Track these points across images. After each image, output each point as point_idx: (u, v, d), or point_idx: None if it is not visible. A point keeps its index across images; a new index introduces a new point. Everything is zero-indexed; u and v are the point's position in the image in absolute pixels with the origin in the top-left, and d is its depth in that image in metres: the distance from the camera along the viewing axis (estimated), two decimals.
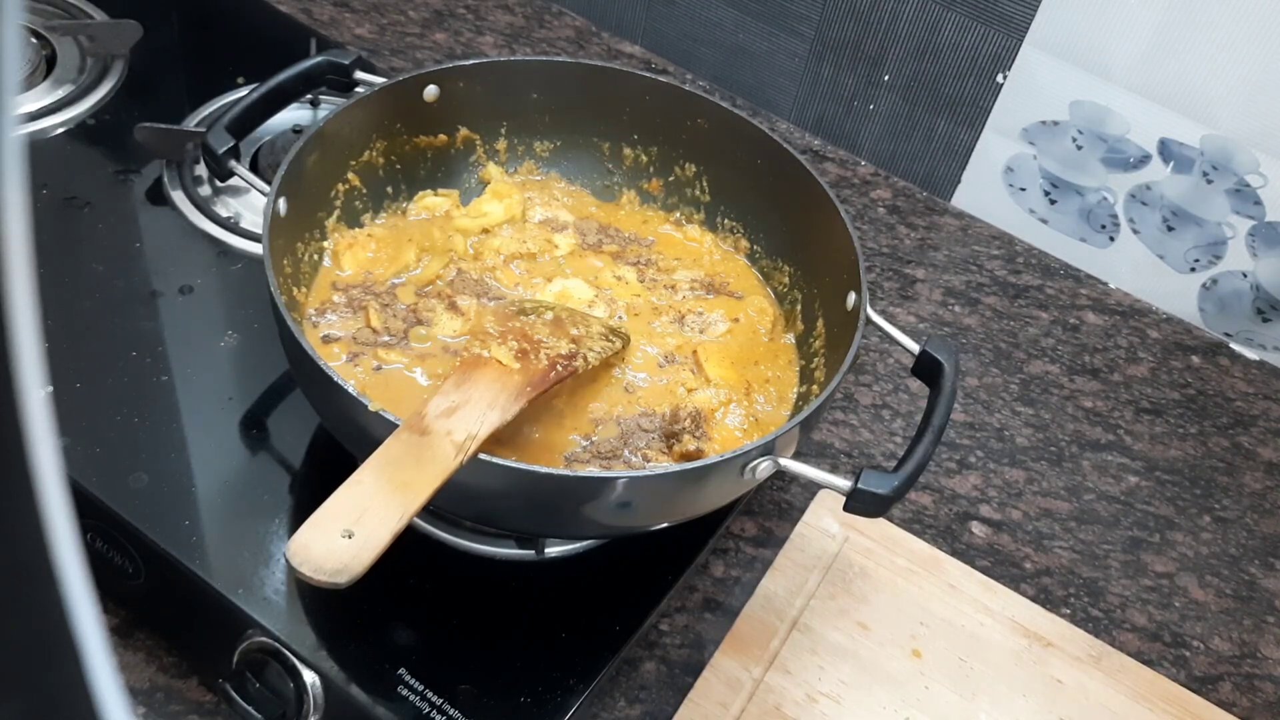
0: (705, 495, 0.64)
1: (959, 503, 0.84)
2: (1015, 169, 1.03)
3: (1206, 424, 0.93)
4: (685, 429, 0.69)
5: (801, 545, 0.77)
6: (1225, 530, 0.85)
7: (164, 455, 0.71)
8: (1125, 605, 0.80)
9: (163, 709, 0.66)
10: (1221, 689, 0.76)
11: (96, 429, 0.72)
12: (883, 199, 1.07)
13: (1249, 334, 0.99)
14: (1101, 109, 0.96)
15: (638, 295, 0.79)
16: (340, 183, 0.77)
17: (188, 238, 0.85)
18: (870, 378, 0.91)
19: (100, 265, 0.82)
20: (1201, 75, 0.90)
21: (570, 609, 0.69)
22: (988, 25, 0.97)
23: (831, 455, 0.85)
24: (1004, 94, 0.99)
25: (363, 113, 0.75)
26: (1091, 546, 0.83)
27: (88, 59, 0.96)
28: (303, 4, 1.14)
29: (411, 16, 1.15)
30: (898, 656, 0.72)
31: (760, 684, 0.69)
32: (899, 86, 1.04)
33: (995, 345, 0.96)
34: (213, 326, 0.79)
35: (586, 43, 1.16)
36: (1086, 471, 0.87)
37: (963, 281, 1.00)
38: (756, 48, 1.10)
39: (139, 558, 0.68)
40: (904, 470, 0.59)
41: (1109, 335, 0.99)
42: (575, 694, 0.65)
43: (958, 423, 0.89)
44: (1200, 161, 0.94)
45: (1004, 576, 0.79)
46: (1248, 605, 0.81)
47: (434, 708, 0.63)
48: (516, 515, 0.63)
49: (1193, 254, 0.98)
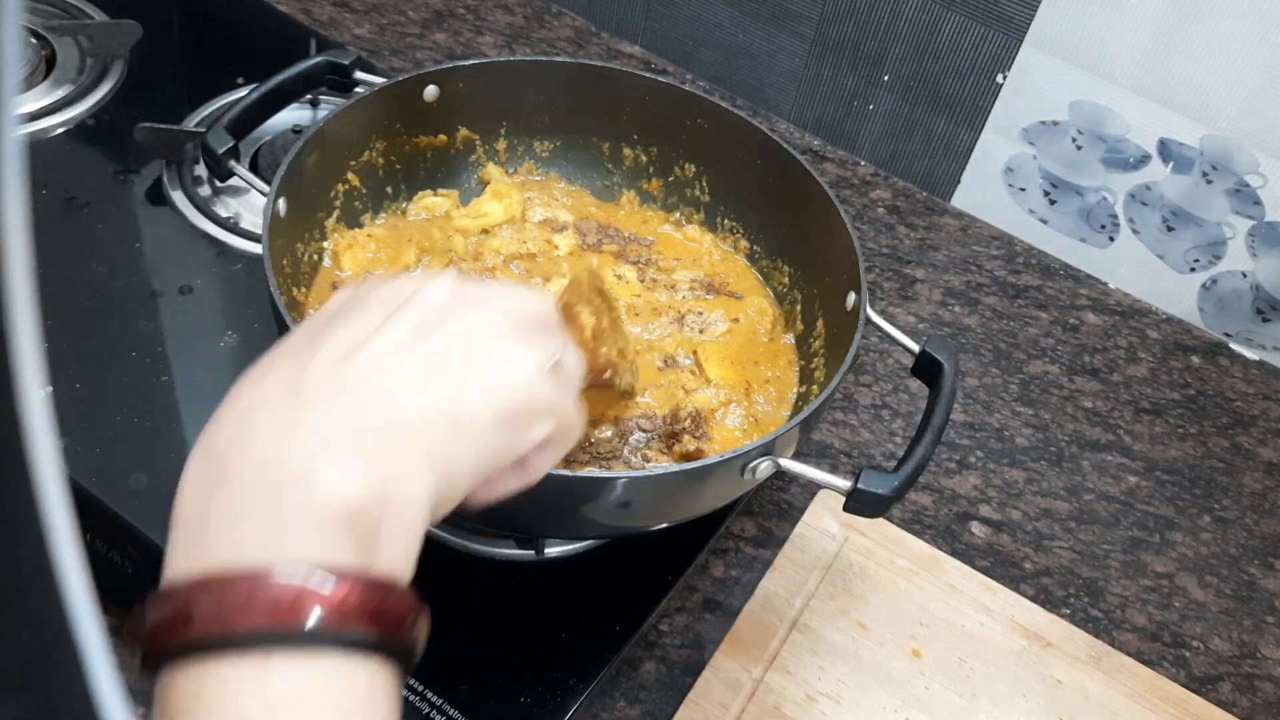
0: (705, 495, 0.63)
1: (959, 503, 0.84)
2: (1015, 169, 1.03)
3: (1206, 424, 0.93)
4: (685, 429, 0.69)
5: (801, 545, 0.77)
6: (1225, 530, 0.85)
7: (164, 455, 0.71)
8: (1125, 605, 0.80)
9: None
10: (1221, 689, 0.76)
11: (96, 429, 0.72)
12: (883, 199, 1.07)
13: (1249, 334, 0.99)
14: (1101, 109, 0.96)
15: (638, 295, 0.79)
16: (340, 183, 0.77)
17: (188, 238, 0.85)
18: (870, 378, 0.91)
19: (100, 265, 0.82)
20: (1201, 75, 0.90)
21: (570, 609, 0.69)
22: (987, 25, 0.97)
23: (831, 455, 0.85)
24: (1004, 94, 0.99)
25: (362, 113, 0.75)
26: (1091, 546, 0.83)
27: (87, 59, 0.96)
28: (303, 4, 1.14)
29: (411, 17, 1.15)
30: (898, 656, 0.72)
31: (760, 684, 0.69)
32: (899, 87, 1.04)
33: (995, 345, 0.96)
34: (213, 326, 0.79)
35: (586, 43, 1.16)
36: (1086, 471, 0.87)
37: (962, 282, 1.00)
38: (756, 48, 1.10)
39: (139, 558, 0.68)
40: (904, 470, 0.59)
41: (1109, 335, 0.99)
42: (575, 694, 0.65)
43: (957, 423, 0.89)
44: (1200, 161, 0.94)
45: (1004, 576, 0.79)
46: (1247, 605, 0.81)
47: (434, 708, 0.63)
48: (516, 515, 0.63)
49: (1192, 254, 0.98)
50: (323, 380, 0.39)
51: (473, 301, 0.44)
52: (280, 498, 0.36)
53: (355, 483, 0.36)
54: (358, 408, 0.38)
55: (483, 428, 0.42)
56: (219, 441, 0.38)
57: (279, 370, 0.40)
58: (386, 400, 0.39)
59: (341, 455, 0.37)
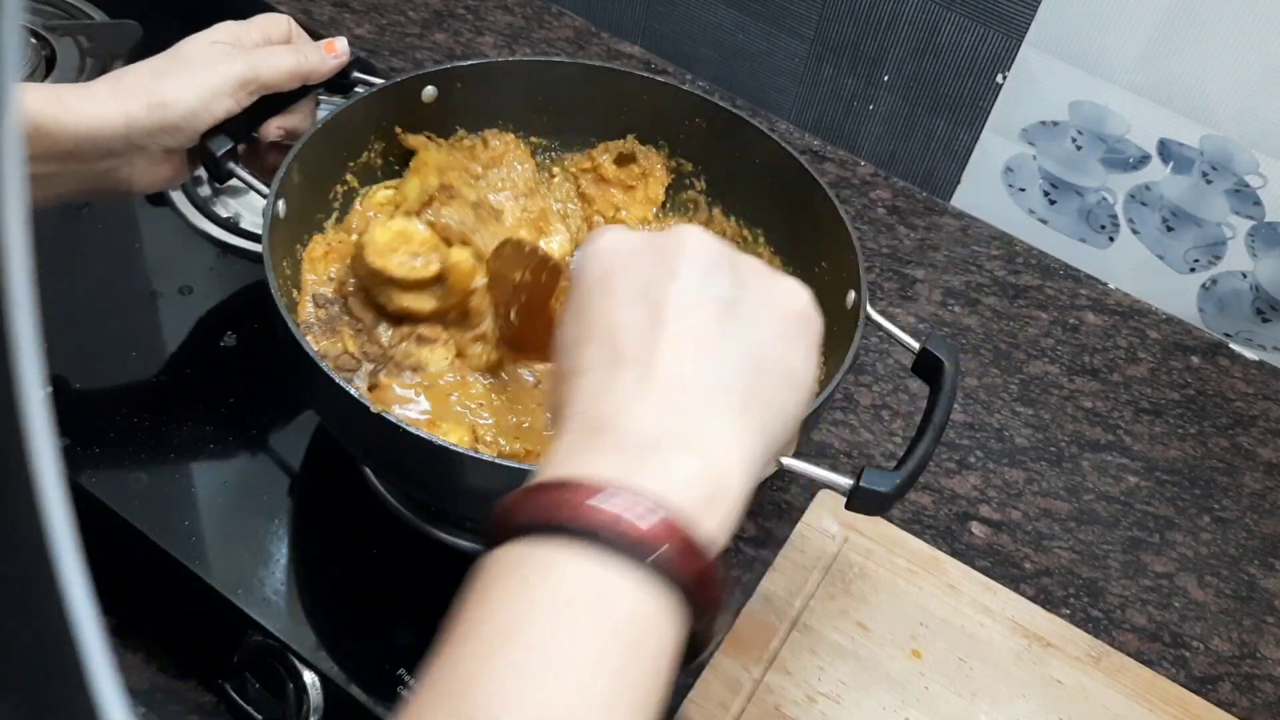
0: None
1: (959, 503, 0.84)
2: (1015, 169, 1.03)
3: (1206, 424, 0.93)
4: None
5: (801, 545, 0.77)
6: (1225, 530, 0.85)
7: (164, 455, 0.71)
8: (1125, 605, 0.80)
9: (163, 709, 0.66)
10: (1221, 689, 0.76)
11: (96, 429, 0.72)
12: (882, 199, 1.07)
13: (1249, 334, 0.99)
14: (1101, 109, 0.96)
15: None
16: (339, 184, 0.77)
17: (188, 238, 0.85)
18: (870, 378, 0.91)
19: (100, 265, 0.82)
20: (1201, 75, 0.90)
21: None
22: (987, 25, 0.97)
23: (831, 455, 0.85)
24: (1004, 94, 0.99)
25: (361, 114, 0.75)
26: (1091, 547, 0.83)
27: (87, 59, 0.96)
28: (303, 4, 1.14)
29: (411, 17, 1.15)
30: (898, 657, 0.72)
31: (760, 684, 0.69)
32: (899, 87, 1.04)
33: (995, 345, 0.96)
34: (213, 326, 0.79)
35: (586, 43, 1.16)
36: (1086, 472, 0.87)
37: (962, 282, 1.00)
38: (756, 48, 1.10)
39: (139, 558, 0.68)
40: (905, 468, 0.59)
41: (1109, 335, 0.99)
42: None
43: (957, 423, 0.89)
44: (1200, 162, 0.94)
45: (1004, 577, 0.79)
46: (1247, 605, 0.81)
47: None
48: None
49: (1192, 254, 0.98)
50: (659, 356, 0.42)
51: (737, 262, 0.46)
52: (632, 456, 0.39)
53: (691, 463, 0.39)
54: (688, 389, 0.41)
55: (797, 367, 0.45)
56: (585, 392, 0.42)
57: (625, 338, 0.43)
58: (710, 373, 0.42)
59: (678, 435, 0.40)
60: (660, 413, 0.40)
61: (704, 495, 0.39)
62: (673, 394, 0.41)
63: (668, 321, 0.42)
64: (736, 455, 0.41)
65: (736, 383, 0.42)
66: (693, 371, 0.41)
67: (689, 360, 0.42)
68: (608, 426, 0.40)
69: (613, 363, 0.42)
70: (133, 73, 0.67)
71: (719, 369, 0.42)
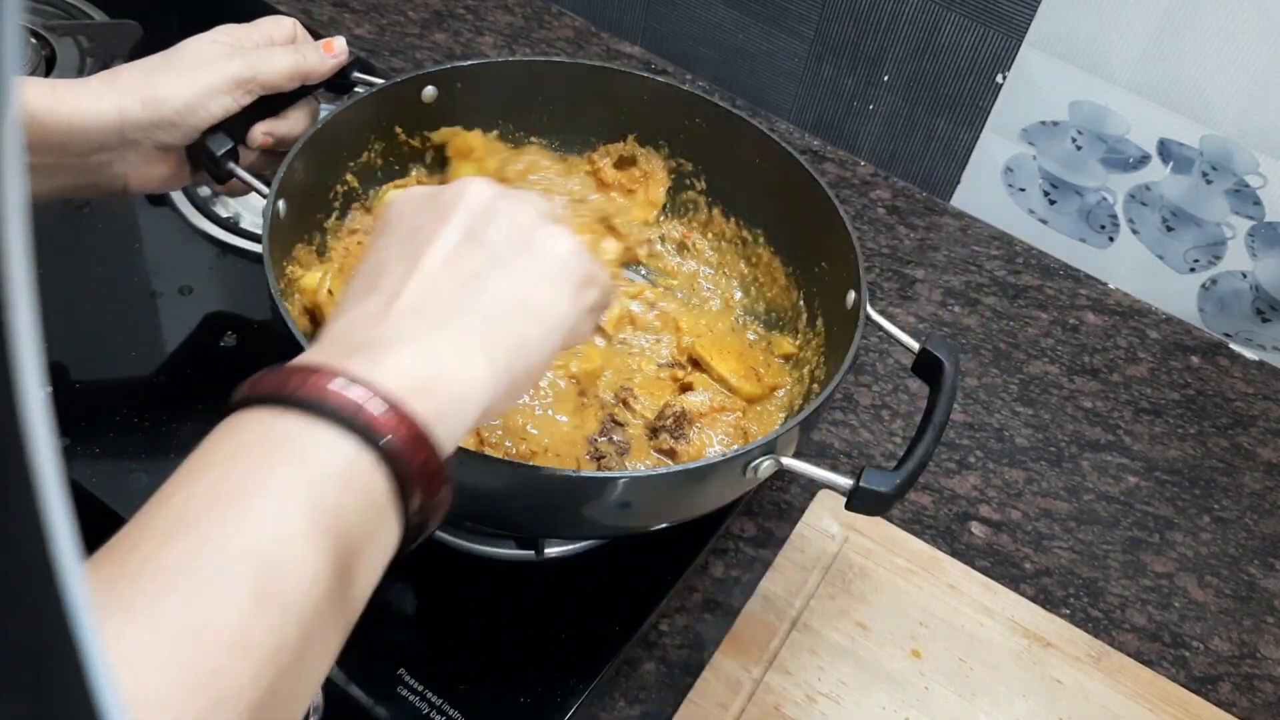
0: (706, 495, 0.64)
1: (959, 503, 0.84)
2: (1015, 169, 1.03)
3: (1206, 424, 0.93)
4: (665, 427, 0.69)
5: (801, 545, 0.77)
6: (1225, 530, 0.85)
7: (164, 455, 0.71)
8: (1125, 605, 0.80)
9: None
10: (1221, 689, 0.76)
11: (96, 429, 0.72)
12: (882, 199, 1.07)
13: (1249, 334, 0.99)
14: (1101, 109, 0.96)
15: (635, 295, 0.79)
16: (339, 184, 0.77)
17: (188, 238, 0.85)
18: (870, 378, 0.91)
19: (100, 265, 0.82)
20: (1201, 75, 0.90)
21: (570, 609, 0.69)
22: (987, 25, 0.97)
23: (831, 455, 0.85)
24: (1003, 94, 0.99)
25: (361, 114, 0.75)
26: (1091, 546, 0.83)
27: (87, 59, 0.96)
28: (302, 4, 1.14)
29: (411, 17, 1.15)
30: (897, 657, 0.72)
31: (760, 684, 0.69)
32: (899, 87, 1.04)
33: (995, 345, 0.96)
34: (213, 326, 0.79)
35: (586, 43, 1.16)
36: (1086, 472, 0.87)
37: (962, 282, 1.00)
38: (756, 48, 1.10)
39: None
40: (905, 468, 0.59)
41: (1108, 335, 0.99)
42: (575, 694, 0.65)
43: (957, 423, 0.89)
44: (1200, 162, 0.94)
45: (1004, 576, 0.79)
46: (1247, 605, 0.81)
47: (434, 708, 0.63)
48: (516, 515, 0.63)
49: (1192, 254, 0.98)
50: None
51: (511, 197, 0.50)
52: (351, 352, 0.42)
53: (404, 359, 0.42)
54: (428, 313, 0.45)
55: (543, 304, 0.47)
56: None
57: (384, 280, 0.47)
58: (450, 303, 0.45)
59: (402, 340, 0.43)
60: (393, 328, 0.44)
61: (416, 384, 0.41)
62: (409, 318, 0.44)
63: (424, 261, 0.46)
64: (460, 365, 0.43)
65: (478, 313, 0.45)
66: (434, 301, 0.45)
67: (432, 293, 0.45)
68: (341, 337, 0.44)
69: (368, 293, 0.46)
70: (129, 69, 0.68)
71: (460, 300, 0.45)
